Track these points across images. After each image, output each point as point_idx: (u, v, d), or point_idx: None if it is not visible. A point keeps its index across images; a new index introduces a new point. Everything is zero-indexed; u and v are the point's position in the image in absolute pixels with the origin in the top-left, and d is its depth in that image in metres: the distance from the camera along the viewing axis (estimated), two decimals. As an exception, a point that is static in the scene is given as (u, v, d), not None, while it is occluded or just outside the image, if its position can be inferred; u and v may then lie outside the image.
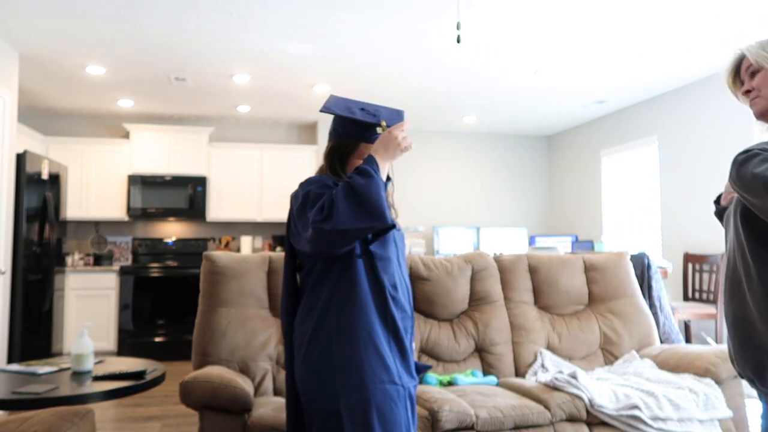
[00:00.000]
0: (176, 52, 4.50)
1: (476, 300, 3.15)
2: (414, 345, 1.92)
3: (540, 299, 3.27)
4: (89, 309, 5.90)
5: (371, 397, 1.58)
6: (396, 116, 1.79)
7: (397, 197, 1.98)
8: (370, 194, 1.50)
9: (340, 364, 1.58)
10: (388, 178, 1.80)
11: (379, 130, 1.73)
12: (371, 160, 1.60)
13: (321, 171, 1.81)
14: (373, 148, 1.65)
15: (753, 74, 1.46)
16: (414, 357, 1.85)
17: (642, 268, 4.03)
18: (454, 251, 6.86)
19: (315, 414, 1.61)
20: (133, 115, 6.54)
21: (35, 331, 4.86)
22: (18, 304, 4.53)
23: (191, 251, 6.68)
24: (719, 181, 4.95)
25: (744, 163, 1.31)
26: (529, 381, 2.83)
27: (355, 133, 1.74)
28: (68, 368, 2.55)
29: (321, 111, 1.72)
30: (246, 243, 6.69)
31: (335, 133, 1.79)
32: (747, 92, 1.48)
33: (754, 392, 1.51)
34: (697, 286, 4.99)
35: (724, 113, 4.95)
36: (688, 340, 4.78)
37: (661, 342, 3.75)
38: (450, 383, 2.81)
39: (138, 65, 4.83)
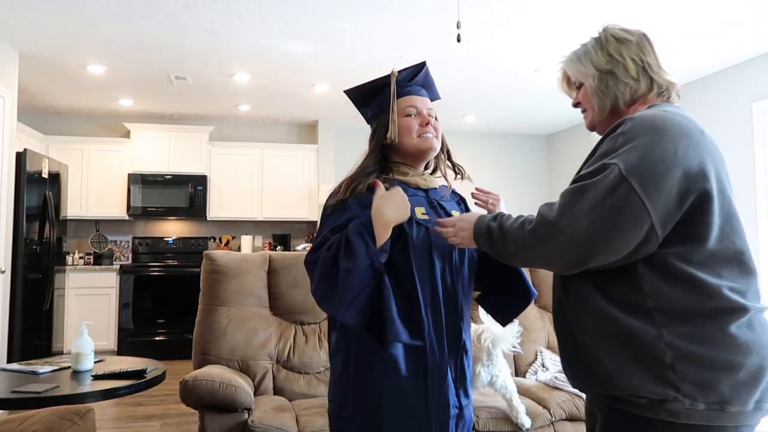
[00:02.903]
0: (176, 51, 4.50)
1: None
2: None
3: (540, 298, 3.26)
4: (89, 308, 5.90)
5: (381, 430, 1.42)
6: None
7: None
8: (344, 285, 1.33)
9: (355, 385, 1.45)
10: (442, 150, 1.70)
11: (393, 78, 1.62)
12: (369, 231, 1.37)
13: (364, 157, 1.63)
14: (374, 208, 1.39)
15: (579, 87, 1.46)
16: (463, 377, 1.52)
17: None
18: (454, 250, 6.85)
19: (332, 418, 1.52)
20: (133, 114, 6.54)
21: (35, 330, 4.87)
22: (18, 303, 4.53)
23: (191, 250, 6.68)
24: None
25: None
26: (529, 380, 2.84)
27: (381, 100, 1.64)
28: (68, 367, 2.55)
29: (345, 91, 1.69)
30: (246, 242, 6.69)
31: (372, 114, 1.67)
32: (576, 104, 1.50)
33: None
34: (697, 286, 4.99)
35: (724, 113, 4.95)
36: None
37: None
38: (450, 382, 2.80)
39: (138, 64, 4.83)
